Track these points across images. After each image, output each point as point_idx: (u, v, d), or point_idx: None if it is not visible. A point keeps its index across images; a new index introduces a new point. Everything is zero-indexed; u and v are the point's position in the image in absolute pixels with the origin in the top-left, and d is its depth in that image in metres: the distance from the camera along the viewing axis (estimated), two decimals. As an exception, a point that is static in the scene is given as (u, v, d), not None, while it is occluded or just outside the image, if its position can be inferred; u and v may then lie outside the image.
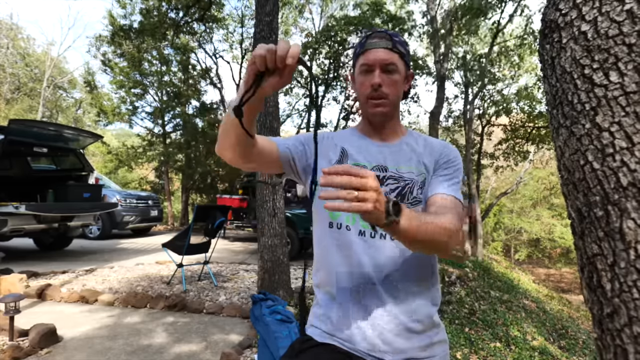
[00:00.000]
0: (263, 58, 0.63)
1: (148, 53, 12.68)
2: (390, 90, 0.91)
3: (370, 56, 0.90)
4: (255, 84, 0.63)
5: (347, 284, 0.89)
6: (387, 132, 0.98)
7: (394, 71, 0.90)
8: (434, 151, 0.97)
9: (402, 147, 0.97)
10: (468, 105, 10.94)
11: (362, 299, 0.88)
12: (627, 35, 0.67)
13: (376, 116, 0.94)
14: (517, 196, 20.32)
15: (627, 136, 0.66)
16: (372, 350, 0.86)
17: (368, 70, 0.91)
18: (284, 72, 0.65)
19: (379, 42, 0.90)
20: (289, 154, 0.95)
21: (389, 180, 0.92)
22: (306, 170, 0.99)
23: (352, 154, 0.96)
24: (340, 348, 0.89)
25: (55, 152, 6.13)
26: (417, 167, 0.94)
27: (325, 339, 0.91)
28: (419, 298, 0.89)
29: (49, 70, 18.71)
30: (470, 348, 3.08)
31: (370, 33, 0.93)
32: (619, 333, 0.68)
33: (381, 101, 0.91)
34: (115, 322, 3.03)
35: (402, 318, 0.86)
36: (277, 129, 3.80)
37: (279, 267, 3.62)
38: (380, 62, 0.89)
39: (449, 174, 0.94)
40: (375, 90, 0.90)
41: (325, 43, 11.59)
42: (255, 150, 0.85)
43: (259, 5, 3.74)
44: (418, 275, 0.90)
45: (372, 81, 0.89)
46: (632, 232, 0.65)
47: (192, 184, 13.97)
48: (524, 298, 6.21)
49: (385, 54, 0.89)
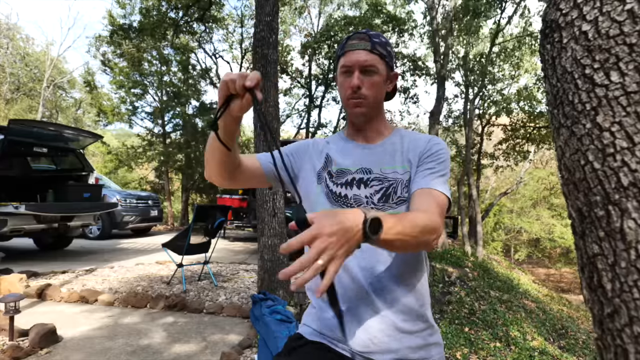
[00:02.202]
0: (232, 83, 0.69)
1: (148, 53, 12.69)
2: (370, 92, 0.91)
3: (349, 58, 0.90)
4: (225, 105, 0.74)
5: (339, 287, 0.89)
6: (370, 133, 0.99)
7: (373, 72, 0.90)
8: (418, 146, 0.96)
9: (385, 147, 0.97)
10: (468, 105, 10.94)
11: (352, 301, 0.88)
12: (628, 35, 0.67)
13: (356, 117, 0.95)
14: (517, 196, 20.33)
15: (628, 136, 0.66)
16: (362, 351, 0.86)
17: (347, 71, 0.91)
18: (243, 98, 0.72)
19: (358, 43, 0.90)
20: (272, 169, 0.96)
21: (373, 182, 0.92)
22: (293, 181, 0.97)
23: (335, 158, 0.98)
24: (330, 347, 0.90)
25: (55, 152, 6.13)
26: (402, 164, 0.93)
27: (315, 337, 0.93)
28: (408, 298, 0.89)
29: (48, 70, 18.71)
30: (470, 348, 3.08)
31: (351, 35, 0.94)
32: (620, 333, 0.68)
33: (359, 101, 0.92)
34: (115, 322, 3.03)
35: (392, 318, 0.86)
36: (277, 129, 3.80)
37: (279, 267, 3.62)
38: (359, 64, 0.89)
39: (432, 167, 0.92)
40: (355, 92, 0.90)
41: (324, 43, 11.59)
42: (240, 170, 0.91)
43: (258, 5, 3.74)
44: (406, 275, 0.90)
45: (350, 83, 0.90)
46: (632, 232, 0.65)
47: (192, 184, 13.98)
48: (523, 298, 6.21)
49: (364, 55, 0.89)
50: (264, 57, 3.64)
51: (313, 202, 0.96)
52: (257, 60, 3.70)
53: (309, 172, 0.99)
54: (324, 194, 0.95)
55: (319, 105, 13.66)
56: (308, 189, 0.98)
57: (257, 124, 3.63)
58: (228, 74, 0.71)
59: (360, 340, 0.86)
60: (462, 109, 12.18)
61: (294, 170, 1.01)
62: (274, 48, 3.72)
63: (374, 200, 0.90)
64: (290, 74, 13.93)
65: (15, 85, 19.10)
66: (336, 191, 0.94)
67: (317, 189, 0.96)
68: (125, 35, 9.81)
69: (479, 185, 12.73)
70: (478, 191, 12.05)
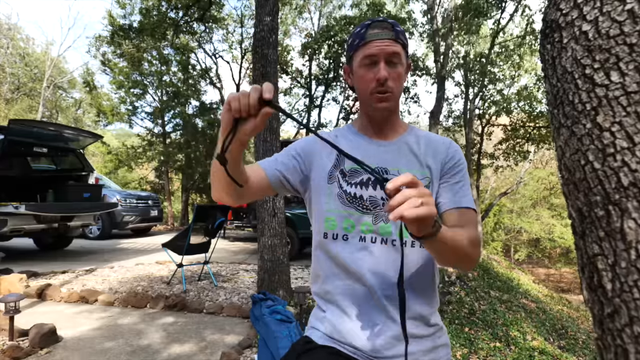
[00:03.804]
0: (237, 105, 0.62)
1: (148, 53, 12.69)
2: (395, 84, 0.86)
3: (373, 48, 0.83)
4: (233, 131, 0.64)
5: (348, 292, 0.88)
6: (386, 129, 0.94)
7: (398, 63, 0.85)
8: (438, 152, 0.92)
9: (400, 146, 0.92)
10: (468, 105, 10.94)
11: (362, 306, 0.87)
12: (628, 35, 0.67)
13: (380, 111, 0.90)
14: (517, 196, 20.33)
15: (628, 136, 0.66)
16: (373, 355, 0.85)
17: (371, 63, 0.85)
18: (257, 117, 0.63)
19: (381, 32, 0.84)
20: (279, 175, 0.92)
21: None
22: (303, 183, 0.95)
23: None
24: (341, 351, 0.87)
25: (55, 152, 6.13)
26: (420, 170, 0.90)
27: (325, 342, 0.90)
28: (420, 303, 0.88)
29: (48, 70, 18.71)
30: (470, 348, 3.08)
31: (370, 23, 0.86)
32: (620, 333, 0.68)
33: (386, 95, 0.86)
34: (115, 322, 3.03)
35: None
36: (277, 129, 3.80)
37: (279, 267, 3.62)
38: (385, 55, 0.83)
39: (458, 180, 0.90)
40: (382, 84, 0.84)
41: (325, 43, 11.59)
42: (248, 186, 0.84)
43: (258, 5, 3.74)
44: (418, 280, 0.88)
45: (378, 75, 0.83)
46: (633, 232, 0.65)
47: (192, 184, 13.98)
48: (523, 298, 6.21)
49: (389, 45, 0.83)
50: (264, 57, 3.64)
51: (324, 203, 0.91)
52: (257, 60, 3.70)
53: (319, 171, 0.93)
54: (336, 195, 0.90)
55: (319, 105, 13.66)
56: (319, 190, 0.93)
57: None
58: (232, 95, 0.62)
59: (371, 345, 0.84)
60: (462, 109, 12.19)
61: (304, 172, 0.94)
62: (274, 48, 3.72)
63: None
64: (290, 74, 13.93)
65: (15, 85, 19.11)
66: (350, 192, 0.89)
67: (328, 189, 0.91)
68: (125, 35, 9.81)
69: (479, 185, 12.72)
70: (478, 191, 12.06)
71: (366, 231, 0.87)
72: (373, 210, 0.88)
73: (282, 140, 4.39)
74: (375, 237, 0.87)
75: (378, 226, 0.87)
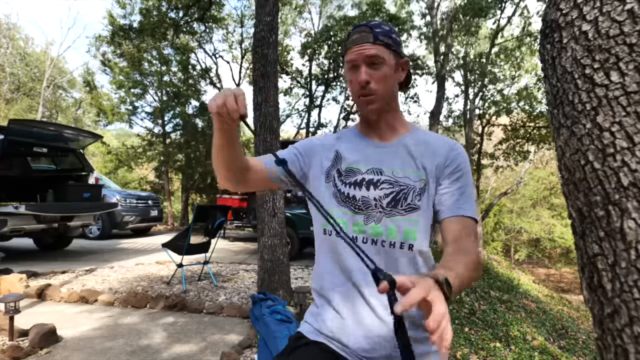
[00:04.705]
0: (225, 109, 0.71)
1: (148, 53, 12.68)
2: (379, 85, 0.88)
3: (353, 54, 0.88)
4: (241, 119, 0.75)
5: (340, 289, 0.90)
6: (383, 129, 0.95)
7: (380, 64, 0.87)
8: (437, 154, 0.91)
9: (398, 148, 0.93)
10: (468, 105, 10.94)
11: (354, 305, 0.87)
12: (628, 35, 0.67)
13: (369, 113, 0.92)
14: (517, 196, 20.33)
15: (628, 136, 0.66)
16: (362, 355, 0.85)
17: (353, 67, 0.89)
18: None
19: (360, 37, 0.87)
20: (278, 170, 0.94)
21: (383, 184, 0.89)
22: (301, 179, 0.98)
23: (345, 156, 0.95)
24: (330, 347, 0.89)
25: (55, 152, 6.13)
26: (416, 172, 0.90)
27: (315, 337, 0.92)
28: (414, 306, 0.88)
29: (48, 70, 18.71)
30: (470, 348, 3.07)
31: (352, 29, 0.90)
32: (620, 333, 0.68)
33: (371, 98, 0.89)
34: (115, 322, 3.03)
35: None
36: (277, 129, 3.80)
37: (279, 267, 3.62)
38: (364, 58, 0.86)
39: (460, 186, 0.88)
40: (364, 87, 0.87)
41: (325, 43, 11.59)
42: (250, 172, 0.91)
43: (258, 5, 3.74)
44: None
45: (359, 79, 0.87)
46: (632, 232, 0.65)
47: (192, 184, 13.97)
48: (523, 298, 6.21)
49: (367, 48, 0.86)
50: (264, 57, 3.64)
51: (321, 202, 0.93)
52: (257, 60, 3.70)
53: (317, 170, 0.97)
54: (332, 194, 0.93)
55: (319, 105, 13.65)
56: (316, 188, 0.96)
57: (257, 124, 3.63)
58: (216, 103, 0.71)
59: (360, 345, 0.85)
60: (462, 109, 12.19)
61: (303, 170, 0.98)
62: (274, 48, 3.72)
63: (382, 204, 0.88)
64: (290, 74, 13.92)
65: (15, 85, 19.11)
66: (344, 191, 0.91)
67: (325, 188, 0.94)
68: (125, 35, 9.81)
69: (479, 185, 12.72)
70: (478, 191, 12.05)
71: (358, 231, 0.88)
72: (365, 210, 0.89)
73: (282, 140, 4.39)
74: (366, 237, 0.88)
75: (369, 226, 0.88)
